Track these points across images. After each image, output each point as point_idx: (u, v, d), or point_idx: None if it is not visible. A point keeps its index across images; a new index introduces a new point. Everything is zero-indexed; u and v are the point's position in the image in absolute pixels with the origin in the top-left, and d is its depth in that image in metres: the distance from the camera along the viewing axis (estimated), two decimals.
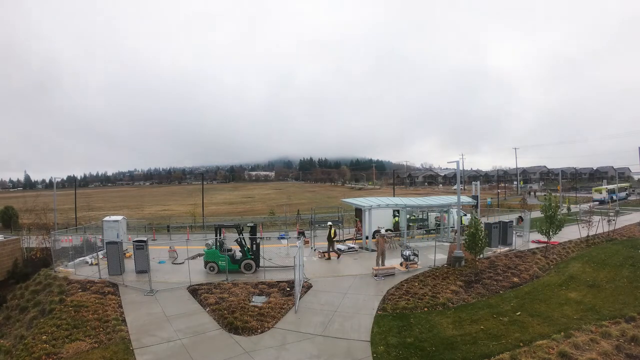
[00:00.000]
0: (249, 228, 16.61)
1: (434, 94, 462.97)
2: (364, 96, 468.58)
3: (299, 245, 14.41)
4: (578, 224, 23.01)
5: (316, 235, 23.26)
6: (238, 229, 16.40)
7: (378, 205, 21.35)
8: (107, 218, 22.19)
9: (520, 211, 32.61)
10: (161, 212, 52.50)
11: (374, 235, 20.72)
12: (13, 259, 19.15)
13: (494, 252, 18.28)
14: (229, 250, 15.99)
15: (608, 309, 10.93)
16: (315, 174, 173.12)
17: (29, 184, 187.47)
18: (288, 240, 22.34)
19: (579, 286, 13.15)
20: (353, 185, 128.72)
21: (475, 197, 26.00)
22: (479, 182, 29.44)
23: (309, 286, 13.61)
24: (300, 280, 12.93)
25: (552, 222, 17.48)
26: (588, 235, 21.51)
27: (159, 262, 17.78)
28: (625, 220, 29.60)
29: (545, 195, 19.82)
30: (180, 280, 14.65)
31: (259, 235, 19.63)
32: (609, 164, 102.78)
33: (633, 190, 61.99)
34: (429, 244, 19.46)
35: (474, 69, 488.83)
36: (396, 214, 22.95)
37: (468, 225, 15.70)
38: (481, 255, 15.87)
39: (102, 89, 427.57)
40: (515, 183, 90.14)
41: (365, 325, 10.27)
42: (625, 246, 19.74)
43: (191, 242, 21.16)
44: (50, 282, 14.75)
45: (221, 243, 15.87)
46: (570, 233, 22.23)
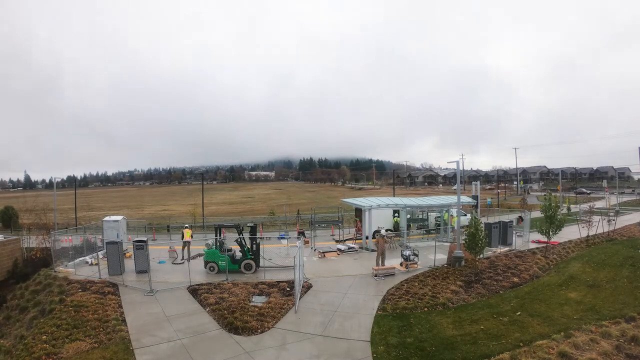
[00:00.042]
0: (249, 228, 16.62)
1: (434, 94, 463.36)
2: (364, 96, 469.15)
3: (299, 245, 14.39)
4: (578, 224, 23.03)
5: (316, 235, 23.28)
6: (238, 229, 16.40)
7: (378, 205, 21.36)
8: (107, 218, 22.20)
9: (520, 211, 32.63)
10: (161, 212, 52.50)
11: (374, 235, 20.74)
12: (13, 259, 19.16)
13: (494, 252, 18.28)
14: (229, 250, 16.00)
15: (608, 309, 10.92)
16: (315, 174, 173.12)
17: (29, 184, 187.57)
18: (288, 240, 22.33)
19: (579, 286, 13.14)
20: (353, 185, 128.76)
21: (475, 197, 26.02)
22: (479, 182, 29.46)
23: (309, 286, 13.61)
24: (300, 280, 12.92)
25: (552, 222, 17.48)
26: (588, 235, 21.52)
27: (159, 262, 17.79)
28: (625, 220, 29.65)
29: (545, 195, 19.79)
30: (180, 280, 14.65)
31: (259, 235, 19.63)
32: (609, 164, 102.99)
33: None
34: (429, 244, 19.46)
35: (474, 69, 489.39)
36: (396, 214, 22.95)
37: (468, 225, 15.70)
38: (481, 255, 15.87)
39: (103, 89, 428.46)
40: (515, 183, 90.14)
41: (365, 325, 10.26)
42: (625, 246, 19.74)
43: (191, 242, 21.12)
44: (50, 282, 14.75)
45: (221, 243, 15.88)
46: (570, 233, 22.24)
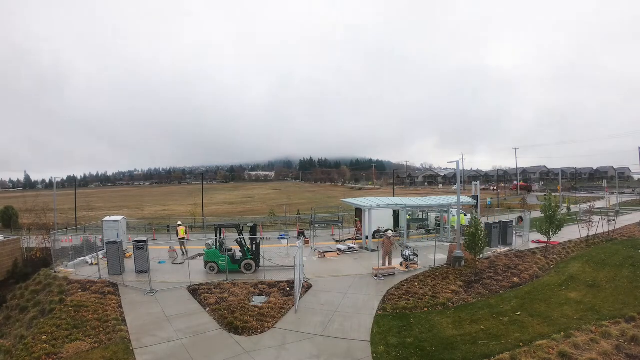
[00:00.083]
0: (249, 228, 16.61)
1: (434, 94, 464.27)
2: (364, 96, 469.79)
3: (299, 245, 14.39)
4: (578, 224, 23.02)
5: (316, 235, 23.27)
6: (238, 229, 16.39)
7: (378, 205, 21.35)
8: (107, 218, 22.19)
9: (520, 211, 32.62)
10: (161, 212, 52.50)
11: (374, 235, 20.74)
12: (13, 259, 19.16)
13: (494, 252, 18.28)
14: (229, 250, 15.99)
15: (608, 309, 10.92)
16: (315, 174, 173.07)
17: (29, 184, 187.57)
18: (288, 240, 22.33)
19: (579, 286, 13.14)
20: (353, 185, 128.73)
21: (475, 197, 26.02)
22: (479, 182, 29.45)
23: (309, 286, 13.61)
24: (300, 280, 12.92)
25: (552, 222, 17.47)
26: (588, 235, 21.52)
27: (159, 262, 17.79)
28: (625, 220, 29.65)
29: (545, 195, 19.79)
30: (180, 280, 14.64)
31: (259, 235, 19.62)
32: (609, 164, 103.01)
33: None
34: (429, 244, 19.45)
35: (474, 69, 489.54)
36: (396, 214, 22.94)
37: (468, 225, 15.70)
38: (481, 255, 15.86)
39: (103, 89, 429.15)
40: (515, 183, 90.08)
41: (365, 325, 10.26)
42: (625, 246, 19.75)
43: (191, 242, 21.16)
44: (50, 282, 14.75)
45: (221, 243, 15.88)
46: (570, 233, 22.24)
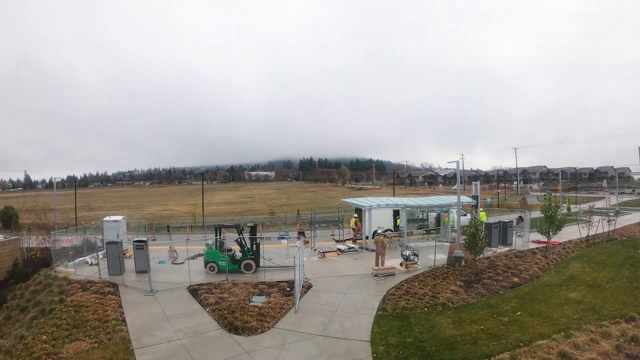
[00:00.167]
0: (249, 228, 16.61)
1: (434, 94, 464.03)
2: (364, 96, 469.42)
3: (299, 245, 14.38)
4: (578, 224, 23.01)
5: (316, 235, 23.27)
6: (238, 229, 16.39)
7: (378, 205, 21.36)
8: (107, 218, 22.18)
9: (520, 211, 32.62)
10: (161, 212, 52.51)
11: (374, 235, 20.73)
12: (13, 259, 19.17)
13: (494, 252, 18.27)
14: (229, 250, 15.99)
15: (608, 309, 10.92)
16: (315, 174, 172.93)
17: (29, 184, 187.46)
18: (288, 240, 22.32)
19: (579, 286, 13.14)
20: (353, 185, 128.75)
21: (475, 197, 26.01)
22: (479, 182, 29.42)
23: (309, 286, 13.61)
24: (300, 280, 12.92)
25: (552, 222, 17.46)
26: (588, 235, 21.51)
27: (159, 262, 17.79)
28: (625, 220, 29.65)
29: (545, 195, 19.78)
30: (180, 280, 14.64)
31: (259, 235, 19.62)
32: (609, 164, 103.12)
33: None
34: (429, 244, 19.45)
35: (474, 69, 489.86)
36: (396, 215, 22.93)
37: (468, 225, 15.68)
38: (481, 255, 15.85)
39: (103, 89, 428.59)
40: (515, 183, 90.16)
41: (365, 325, 10.26)
42: (625, 246, 19.74)
43: (191, 242, 21.17)
44: (50, 282, 14.75)
45: (221, 243, 15.87)
46: (570, 233, 22.23)
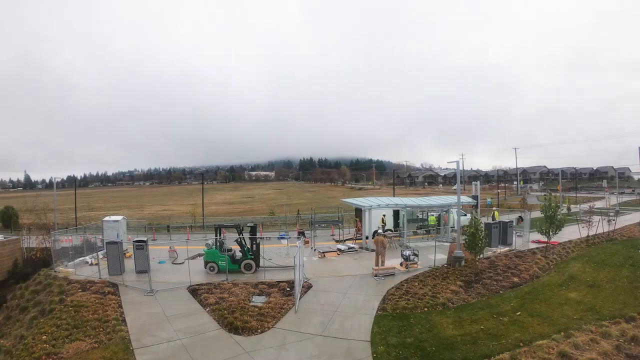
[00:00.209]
0: (249, 228, 16.61)
1: (434, 94, 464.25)
2: (364, 96, 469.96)
3: (299, 245, 14.38)
4: (578, 224, 23.02)
5: (316, 235, 23.27)
6: (238, 229, 16.39)
7: (378, 205, 21.36)
8: (107, 218, 22.19)
9: (521, 211, 32.61)
10: (161, 212, 52.50)
11: (373, 235, 20.73)
12: (13, 259, 19.15)
13: (494, 252, 18.27)
14: (229, 250, 15.99)
15: (608, 309, 10.92)
16: (315, 174, 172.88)
17: (29, 184, 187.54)
18: (288, 240, 22.32)
19: (579, 286, 13.14)
20: (353, 185, 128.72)
21: (475, 197, 26.01)
22: (479, 182, 29.44)
23: (309, 286, 13.61)
24: (300, 280, 12.92)
25: (552, 222, 17.47)
26: (588, 235, 21.51)
27: (159, 262, 17.79)
28: (625, 220, 29.65)
29: (545, 195, 19.78)
30: (180, 280, 14.65)
31: (259, 235, 19.63)
32: (609, 164, 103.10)
33: None
34: (429, 244, 19.45)
35: (474, 69, 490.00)
36: (396, 215, 22.92)
37: (468, 225, 15.69)
38: (481, 255, 15.88)
39: (103, 89, 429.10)
40: (515, 183, 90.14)
41: (365, 325, 10.26)
42: (625, 246, 19.74)
43: (191, 242, 21.17)
44: (50, 282, 14.75)
45: (221, 243, 15.87)
46: (570, 233, 22.23)
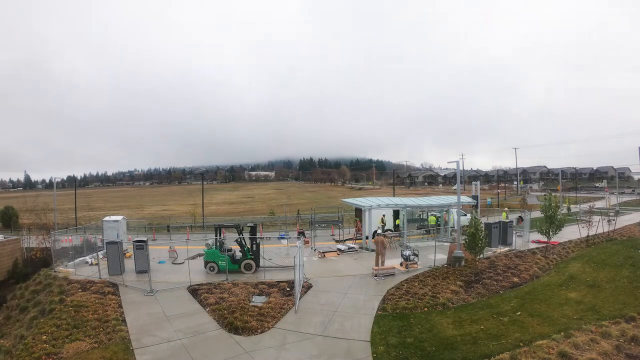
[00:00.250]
0: (249, 228, 16.61)
1: (434, 94, 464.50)
2: (364, 96, 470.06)
3: (299, 245, 14.38)
4: (578, 224, 23.02)
5: (316, 235, 23.27)
6: (238, 229, 16.39)
7: (378, 205, 21.36)
8: (107, 218, 22.19)
9: (520, 211, 32.62)
10: (161, 212, 52.48)
11: (373, 235, 20.73)
12: (13, 259, 19.14)
13: (494, 252, 18.27)
14: (229, 250, 15.99)
15: (608, 309, 10.92)
16: (315, 174, 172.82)
17: (29, 184, 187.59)
18: (288, 240, 22.32)
19: (579, 286, 13.14)
20: (353, 185, 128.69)
21: (475, 197, 26.03)
22: (479, 182, 29.46)
23: (309, 286, 13.61)
24: (300, 280, 12.92)
25: (552, 222, 17.47)
26: (588, 235, 21.51)
27: (159, 262, 17.79)
28: (625, 220, 29.65)
29: (545, 195, 19.79)
30: (180, 280, 14.65)
31: (259, 235, 19.63)
32: (609, 164, 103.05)
33: None
34: (429, 244, 19.45)
35: (474, 69, 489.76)
36: (396, 215, 22.92)
37: (468, 225, 15.69)
38: (481, 255, 15.88)
39: (103, 89, 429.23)
40: (515, 183, 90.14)
41: (365, 325, 10.26)
42: (625, 246, 19.74)
43: (191, 242, 21.17)
44: (50, 282, 14.75)
45: (221, 243, 15.87)
46: (570, 233, 22.23)
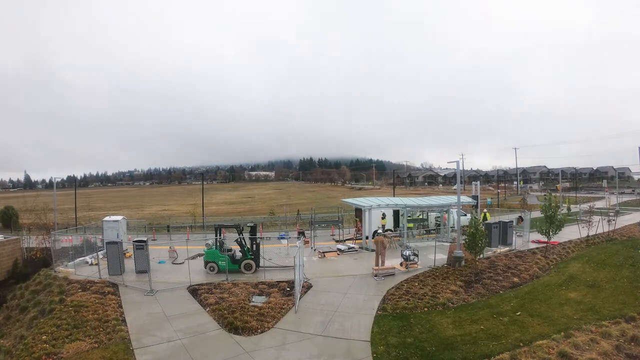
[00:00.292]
0: (249, 228, 16.61)
1: (434, 94, 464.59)
2: (364, 96, 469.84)
3: (299, 245, 14.38)
4: (578, 224, 23.01)
5: (316, 235, 23.26)
6: (238, 229, 16.39)
7: (378, 205, 21.36)
8: (107, 218, 22.18)
9: (520, 211, 32.61)
10: (161, 212, 52.50)
11: (373, 235, 20.73)
12: (13, 259, 19.15)
13: (494, 252, 18.27)
14: (229, 250, 15.99)
15: (608, 309, 10.92)
16: (315, 174, 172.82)
17: (29, 184, 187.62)
18: (288, 240, 22.32)
19: (579, 286, 13.14)
20: (353, 185, 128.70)
21: (475, 197, 26.01)
22: (479, 182, 29.44)
23: (309, 286, 13.61)
24: (300, 280, 12.92)
25: (552, 222, 17.45)
26: (588, 235, 21.51)
27: (159, 262, 17.79)
28: (625, 220, 29.64)
29: (545, 195, 19.79)
30: (180, 280, 14.64)
31: (259, 235, 19.63)
32: (609, 164, 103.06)
33: None
34: (429, 244, 19.45)
35: (474, 69, 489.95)
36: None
37: (468, 225, 15.68)
38: (481, 255, 15.87)
39: (103, 89, 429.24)
40: (515, 183, 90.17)
41: (365, 325, 10.26)
42: (625, 246, 19.73)
43: (191, 242, 21.17)
44: (50, 282, 14.75)
45: (221, 243, 15.87)
46: (570, 233, 22.23)
